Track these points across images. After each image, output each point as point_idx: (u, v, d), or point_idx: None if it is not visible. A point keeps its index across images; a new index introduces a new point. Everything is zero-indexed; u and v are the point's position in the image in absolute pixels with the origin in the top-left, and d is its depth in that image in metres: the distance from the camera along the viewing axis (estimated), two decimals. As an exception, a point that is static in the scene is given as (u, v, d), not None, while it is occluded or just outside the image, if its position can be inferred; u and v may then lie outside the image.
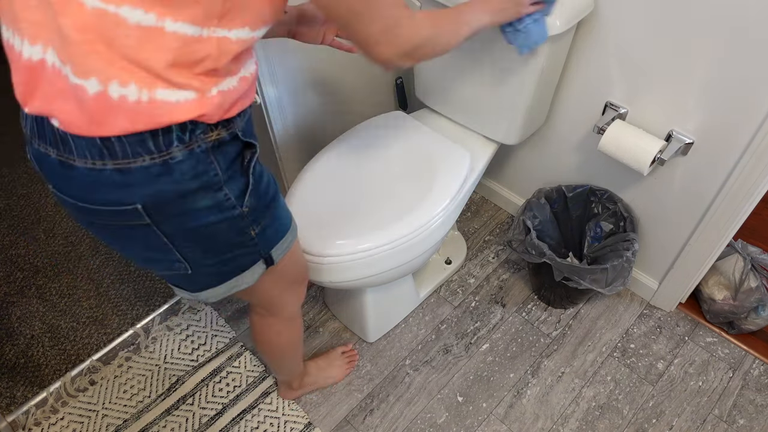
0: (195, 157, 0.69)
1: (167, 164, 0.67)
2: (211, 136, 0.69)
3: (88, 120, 0.64)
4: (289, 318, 1.10)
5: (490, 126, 1.40)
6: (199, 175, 0.70)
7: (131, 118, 0.64)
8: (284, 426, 1.38)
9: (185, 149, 0.67)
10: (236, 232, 0.78)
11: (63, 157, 0.67)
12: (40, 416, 1.39)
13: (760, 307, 1.46)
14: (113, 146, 0.65)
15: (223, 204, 0.73)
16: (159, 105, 0.64)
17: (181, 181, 0.69)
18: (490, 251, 1.75)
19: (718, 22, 1.06)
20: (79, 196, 0.70)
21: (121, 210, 0.70)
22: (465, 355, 1.51)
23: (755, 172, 1.18)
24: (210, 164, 0.70)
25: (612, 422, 1.39)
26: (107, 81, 0.62)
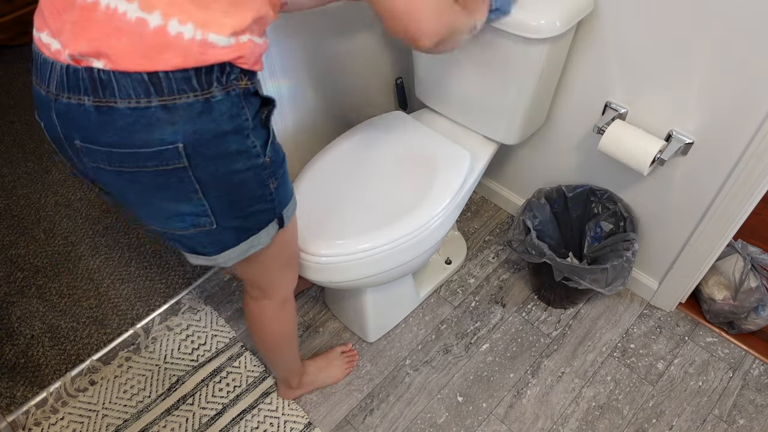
0: (231, 99, 0.74)
1: (209, 102, 0.72)
2: (242, 83, 0.75)
3: (142, 54, 0.68)
4: (283, 301, 1.12)
5: (490, 126, 1.40)
6: (234, 117, 0.75)
7: (183, 54, 0.69)
8: (284, 426, 1.38)
9: (223, 90, 0.73)
10: (259, 182, 0.82)
11: (102, 101, 0.69)
12: (40, 416, 1.39)
13: (760, 307, 1.46)
14: (160, 82, 0.69)
15: (250, 150, 0.78)
16: (209, 45, 0.70)
17: (219, 120, 0.73)
18: (490, 251, 1.75)
19: (718, 22, 1.06)
20: (115, 141, 0.72)
21: (161, 150, 0.72)
22: (465, 355, 1.51)
23: (755, 172, 1.18)
24: (242, 108, 0.75)
25: (612, 422, 1.39)
26: (168, 17, 0.68)
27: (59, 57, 0.71)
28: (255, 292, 1.09)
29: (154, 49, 0.68)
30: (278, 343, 1.22)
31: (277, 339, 1.21)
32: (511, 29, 1.15)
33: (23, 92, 2.29)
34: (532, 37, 1.14)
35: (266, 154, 0.81)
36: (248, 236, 0.88)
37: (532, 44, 1.17)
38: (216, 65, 0.71)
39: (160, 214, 0.82)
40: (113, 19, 0.68)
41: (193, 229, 0.83)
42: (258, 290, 1.08)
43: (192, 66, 0.70)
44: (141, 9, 0.68)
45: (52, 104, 0.73)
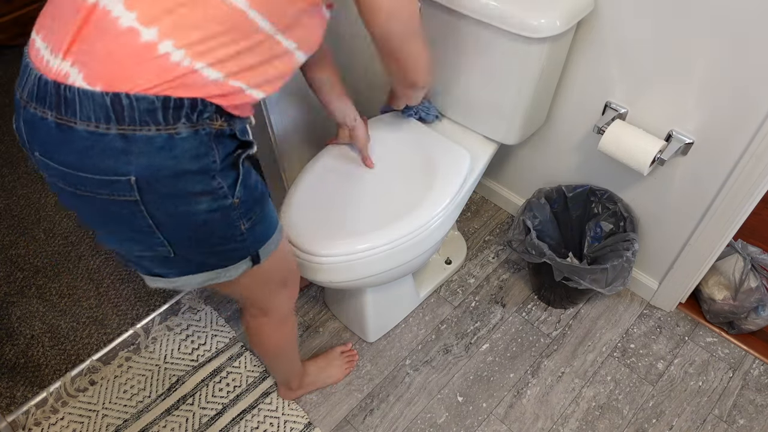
0: (199, 138, 0.70)
1: (172, 138, 0.68)
2: (215, 124, 0.72)
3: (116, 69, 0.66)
4: (282, 318, 1.10)
5: (490, 126, 1.40)
6: (199, 157, 0.71)
7: (160, 75, 0.66)
8: (284, 426, 1.38)
9: (191, 128, 0.69)
10: (227, 223, 0.78)
11: (63, 119, 0.67)
12: (40, 416, 1.39)
13: (760, 307, 1.46)
14: (122, 109, 0.66)
15: (216, 191, 0.74)
16: (192, 73, 0.68)
17: (181, 158, 0.70)
18: (490, 251, 1.75)
19: (718, 22, 1.06)
20: (70, 162, 0.69)
21: (113, 180, 0.69)
22: (465, 355, 1.51)
23: (755, 172, 1.18)
24: (210, 149, 0.72)
25: (612, 422, 1.39)
26: (165, 37, 0.66)
27: (40, 65, 0.69)
28: (253, 311, 1.07)
29: (132, 59, 0.66)
30: (279, 354, 1.22)
31: (278, 351, 1.20)
32: (512, 28, 1.15)
33: (23, 92, 2.29)
34: (533, 37, 1.14)
35: (235, 195, 0.77)
36: (213, 269, 0.84)
37: (532, 44, 1.17)
38: (186, 99, 0.68)
39: (115, 236, 0.79)
40: (104, 22, 0.66)
41: (150, 252, 0.80)
42: (256, 309, 1.06)
43: (161, 94, 0.67)
44: (138, 20, 0.66)
45: (21, 111, 0.72)
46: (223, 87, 0.71)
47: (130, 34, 0.66)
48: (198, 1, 0.67)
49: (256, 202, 0.82)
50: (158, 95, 0.67)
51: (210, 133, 0.71)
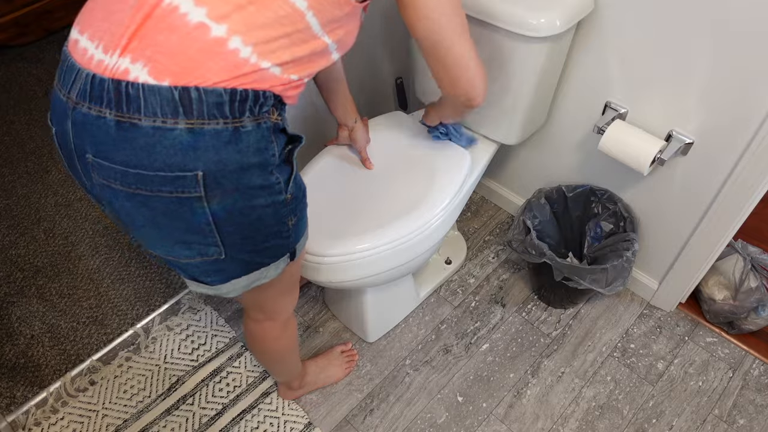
0: (261, 131, 0.71)
1: (238, 131, 0.69)
2: (273, 117, 0.73)
3: (188, 57, 0.66)
4: (285, 321, 1.10)
5: (490, 126, 1.40)
6: (261, 151, 0.72)
7: (230, 69, 0.67)
8: (284, 426, 1.38)
9: (254, 121, 0.70)
10: (278, 219, 0.79)
11: (125, 116, 0.66)
12: (40, 416, 1.39)
13: (760, 307, 1.46)
14: (191, 103, 0.66)
15: (273, 186, 0.75)
16: (259, 70, 0.69)
17: (246, 152, 0.70)
18: (490, 251, 1.75)
19: (718, 21, 1.07)
20: (132, 160, 0.68)
21: (179, 177, 0.69)
22: (465, 355, 1.51)
23: (755, 172, 1.18)
24: (270, 143, 0.73)
25: (612, 422, 1.39)
26: (234, 33, 0.67)
27: (89, 64, 0.68)
28: (257, 315, 1.07)
29: (203, 53, 0.66)
30: (281, 358, 1.22)
31: (279, 355, 1.20)
32: (512, 27, 1.15)
33: (23, 92, 2.29)
34: (533, 36, 1.14)
35: (288, 190, 0.78)
36: (257, 269, 0.84)
37: (532, 43, 1.17)
38: (252, 92, 0.69)
39: (166, 241, 0.78)
40: (170, 17, 0.66)
41: (200, 258, 0.79)
42: (260, 313, 1.06)
43: (231, 86, 0.67)
44: (208, 16, 0.66)
45: (69, 112, 0.70)
46: (281, 79, 0.73)
47: (200, 30, 0.66)
48: (265, 1, 0.68)
49: (302, 198, 0.84)
50: (226, 88, 0.67)
51: (270, 127, 0.73)
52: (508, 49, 1.20)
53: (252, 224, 0.77)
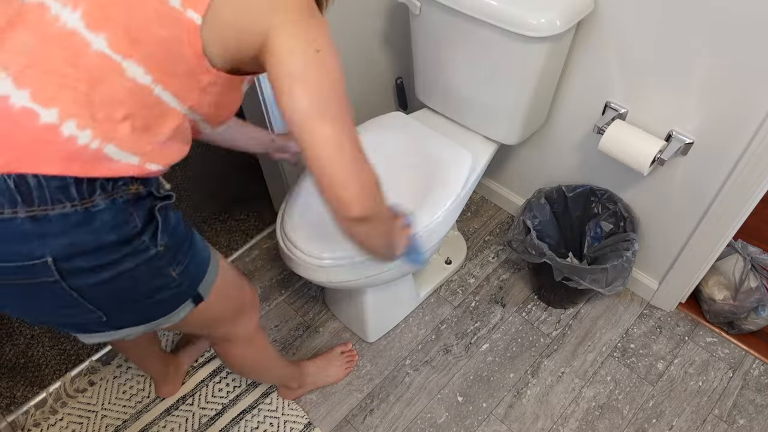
0: (117, 207, 0.66)
1: (89, 212, 0.64)
2: (131, 189, 0.68)
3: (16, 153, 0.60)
4: (247, 340, 1.07)
5: (490, 126, 1.40)
6: (119, 226, 0.67)
7: (68, 160, 0.61)
8: (284, 426, 1.38)
9: (107, 198, 0.65)
10: (155, 274, 0.73)
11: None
12: (40, 417, 1.39)
13: (760, 307, 1.46)
14: (29, 191, 0.60)
15: (137, 249, 0.70)
16: (103, 158, 0.64)
17: (101, 231, 0.65)
18: (490, 251, 1.75)
19: (718, 22, 1.06)
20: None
21: (28, 266, 0.64)
22: (465, 355, 1.51)
23: (755, 172, 1.18)
24: (130, 215, 0.68)
25: (612, 422, 1.39)
26: (67, 117, 0.61)
27: None
28: (215, 340, 1.04)
29: (36, 144, 0.60)
30: (254, 372, 1.21)
31: (250, 369, 1.19)
32: (512, 28, 1.15)
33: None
34: (533, 36, 1.14)
35: (158, 244, 0.72)
36: (154, 319, 0.79)
37: (532, 43, 1.17)
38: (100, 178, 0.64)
39: (39, 314, 0.73)
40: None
41: (82, 319, 0.74)
42: (217, 339, 1.03)
43: (74, 175, 0.62)
44: (33, 100, 0.60)
45: None
46: (139, 169, 0.67)
47: (26, 115, 0.60)
48: (99, 78, 0.62)
49: (182, 243, 0.77)
50: (69, 176, 0.62)
51: (127, 200, 0.67)
52: (508, 49, 1.20)
53: (126, 289, 0.72)
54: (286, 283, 1.66)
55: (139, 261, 0.70)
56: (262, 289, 1.65)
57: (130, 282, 0.71)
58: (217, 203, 1.87)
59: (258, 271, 1.70)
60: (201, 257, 0.82)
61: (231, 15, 0.64)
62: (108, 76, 0.62)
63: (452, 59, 1.33)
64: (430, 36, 1.33)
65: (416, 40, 1.38)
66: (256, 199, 1.85)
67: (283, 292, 1.65)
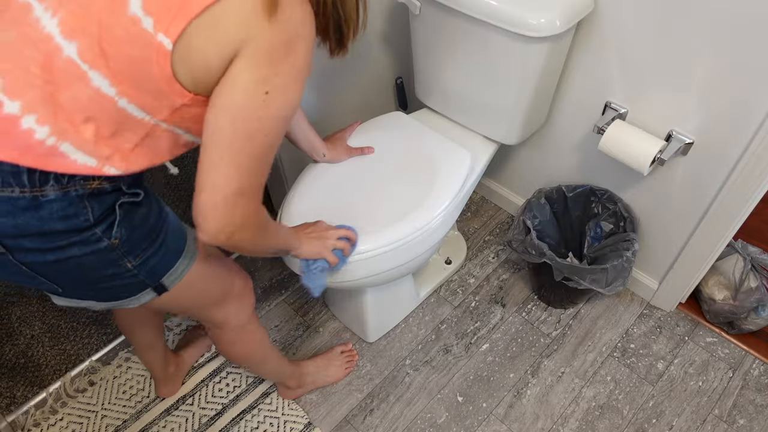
0: (68, 199, 0.67)
1: (37, 200, 0.66)
2: (91, 184, 0.69)
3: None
4: (238, 328, 1.07)
5: (490, 126, 1.40)
6: (68, 218, 0.68)
7: (23, 151, 0.64)
8: (284, 426, 1.38)
9: (60, 190, 0.67)
10: (107, 264, 0.75)
11: None
12: (40, 417, 1.39)
13: (760, 307, 1.46)
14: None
15: (87, 239, 0.71)
16: (57, 154, 0.65)
17: (47, 219, 0.67)
18: (490, 251, 1.75)
19: (718, 22, 1.06)
20: None
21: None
22: (465, 355, 1.51)
23: (755, 172, 1.18)
24: (83, 209, 0.69)
25: (612, 422, 1.39)
26: (28, 112, 0.64)
27: None
28: (206, 324, 1.06)
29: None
30: (249, 362, 1.21)
31: (245, 360, 1.19)
32: (512, 28, 1.15)
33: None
34: (533, 36, 1.14)
35: (112, 236, 0.73)
36: (111, 300, 0.82)
37: (532, 43, 1.17)
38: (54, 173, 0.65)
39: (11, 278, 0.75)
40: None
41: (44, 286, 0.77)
42: (207, 323, 1.05)
43: (27, 166, 0.64)
44: (3, 91, 0.63)
45: None
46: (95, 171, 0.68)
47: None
48: (65, 82, 0.64)
49: (145, 238, 0.78)
50: (22, 165, 0.64)
51: (82, 195, 0.68)
52: (508, 49, 1.20)
53: (75, 271, 0.74)
54: (286, 283, 1.67)
55: (87, 250, 0.72)
56: (262, 289, 1.65)
57: (77, 267, 0.73)
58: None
59: (258, 271, 1.70)
60: (167, 253, 0.82)
61: (202, 43, 0.64)
62: (74, 82, 0.65)
63: (452, 59, 1.33)
64: (430, 36, 1.33)
65: (416, 40, 1.38)
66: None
67: (283, 292, 1.65)
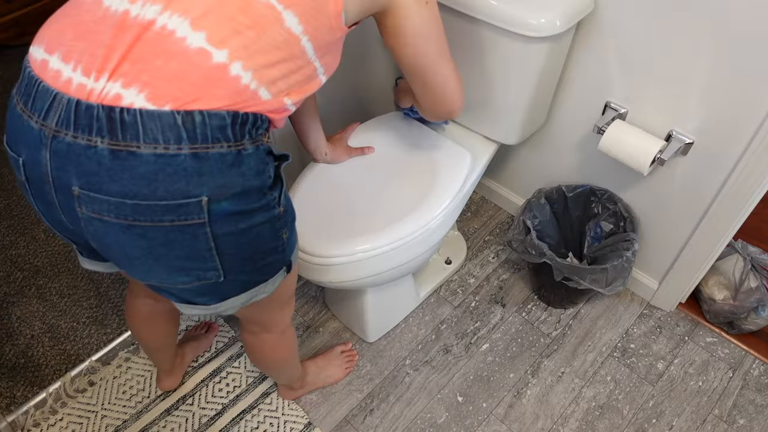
0: (260, 153, 0.71)
1: (240, 154, 0.68)
2: (265, 139, 0.73)
3: (190, 83, 0.64)
4: (283, 331, 1.09)
5: (490, 126, 1.40)
6: (261, 173, 0.72)
7: (233, 96, 0.67)
8: (284, 426, 1.38)
9: (253, 144, 0.70)
10: (274, 234, 0.78)
11: (120, 144, 0.62)
12: (40, 417, 1.39)
13: (760, 307, 1.46)
14: (194, 128, 0.64)
15: (270, 203, 0.74)
16: (257, 97, 0.70)
17: (247, 174, 0.70)
18: (490, 251, 1.75)
19: (718, 21, 1.07)
20: (132, 191, 0.64)
21: (182, 204, 0.66)
22: (465, 355, 1.51)
23: (755, 171, 1.18)
24: (267, 164, 0.73)
25: (612, 422, 1.39)
26: (235, 59, 0.66)
27: (67, 88, 0.63)
28: (253, 328, 1.06)
29: (207, 81, 0.65)
30: (279, 366, 1.22)
31: (278, 364, 1.20)
32: (512, 27, 1.15)
33: (23, 92, 2.29)
34: (533, 36, 1.14)
35: (281, 203, 0.77)
36: (255, 286, 0.82)
37: (532, 43, 1.17)
38: (251, 115, 0.69)
39: (162, 270, 0.73)
40: (166, 41, 0.64)
41: (197, 282, 0.76)
42: (257, 326, 1.05)
43: (233, 110, 0.66)
44: (209, 41, 0.65)
45: (47, 141, 0.64)
46: (277, 103, 0.73)
47: (201, 55, 0.65)
48: (263, 26, 0.68)
49: (291, 211, 0.83)
50: (229, 111, 0.66)
51: (266, 149, 0.73)
52: (508, 49, 1.20)
53: (251, 243, 0.75)
54: (286, 283, 1.67)
55: (267, 217, 0.75)
56: (262, 289, 1.65)
57: (255, 237, 0.75)
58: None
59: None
60: (295, 229, 0.87)
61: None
62: (271, 24, 0.69)
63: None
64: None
65: (416, 40, 1.38)
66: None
67: (283, 292, 1.65)
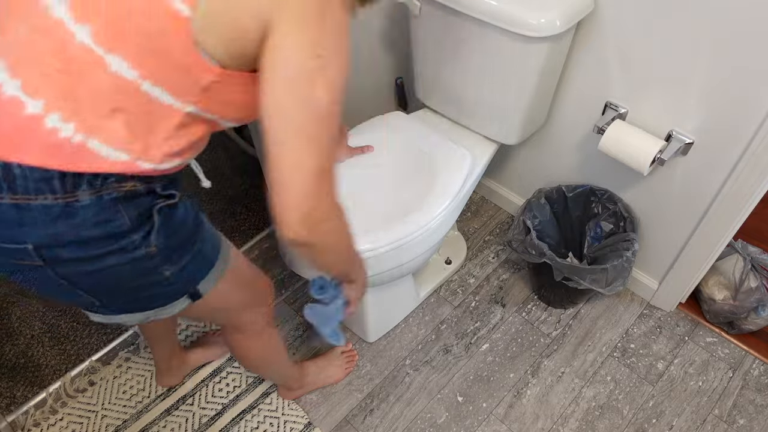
0: (102, 204, 0.64)
1: (70, 206, 0.63)
2: (125, 186, 0.65)
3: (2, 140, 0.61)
4: (257, 332, 1.07)
5: (490, 126, 1.40)
6: (103, 224, 0.65)
7: (51, 152, 0.61)
8: (284, 426, 1.38)
9: (93, 194, 0.64)
10: (144, 273, 0.72)
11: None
12: (39, 417, 1.39)
13: (760, 307, 1.46)
14: (14, 180, 0.61)
15: (125, 248, 0.68)
16: (87, 152, 0.62)
17: (82, 226, 0.64)
18: (490, 251, 1.75)
19: (718, 21, 1.06)
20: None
21: (19, 249, 0.65)
22: (465, 355, 1.51)
23: (755, 171, 1.18)
24: (117, 213, 0.66)
25: (612, 422, 1.39)
26: (51, 110, 0.60)
27: None
28: (227, 329, 1.05)
29: (19, 133, 0.60)
30: (263, 365, 1.21)
31: (261, 362, 1.19)
32: (512, 28, 1.15)
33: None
34: (533, 36, 1.14)
35: (150, 244, 0.70)
36: (146, 311, 0.79)
37: (532, 43, 1.17)
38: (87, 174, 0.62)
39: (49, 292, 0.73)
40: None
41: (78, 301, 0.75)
42: (230, 328, 1.04)
43: (56, 168, 0.61)
44: (23, 89, 0.60)
45: None
46: (131, 166, 0.65)
47: (13, 104, 0.60)
48: (81, 72, 0.60)
49: (183, 244, 0.75)
50: (52, 168, 0.61)
51: (116, 198, 0.65)
52: (508, 49, 1.20)
53: (112, 281, 0.71)
54: (286, 283, 1.66)
55: (124, 259, 0.69)
56: (262, 289, 1.66)
57: (115, 277, 0.71)
58: (217, 203, 1.87)
59: (258, 271, 1.70)
60: (204, 258, 0.80)
61: (224, 5, 0.59)
62: (92, 70, 0.60)
63: (452, 59, 1.33)
64: (430, 36, 1.33)
65: (416, 40, 1.38)
66: (256, 199, 1.85)
67: (283, 292, 1.65)
